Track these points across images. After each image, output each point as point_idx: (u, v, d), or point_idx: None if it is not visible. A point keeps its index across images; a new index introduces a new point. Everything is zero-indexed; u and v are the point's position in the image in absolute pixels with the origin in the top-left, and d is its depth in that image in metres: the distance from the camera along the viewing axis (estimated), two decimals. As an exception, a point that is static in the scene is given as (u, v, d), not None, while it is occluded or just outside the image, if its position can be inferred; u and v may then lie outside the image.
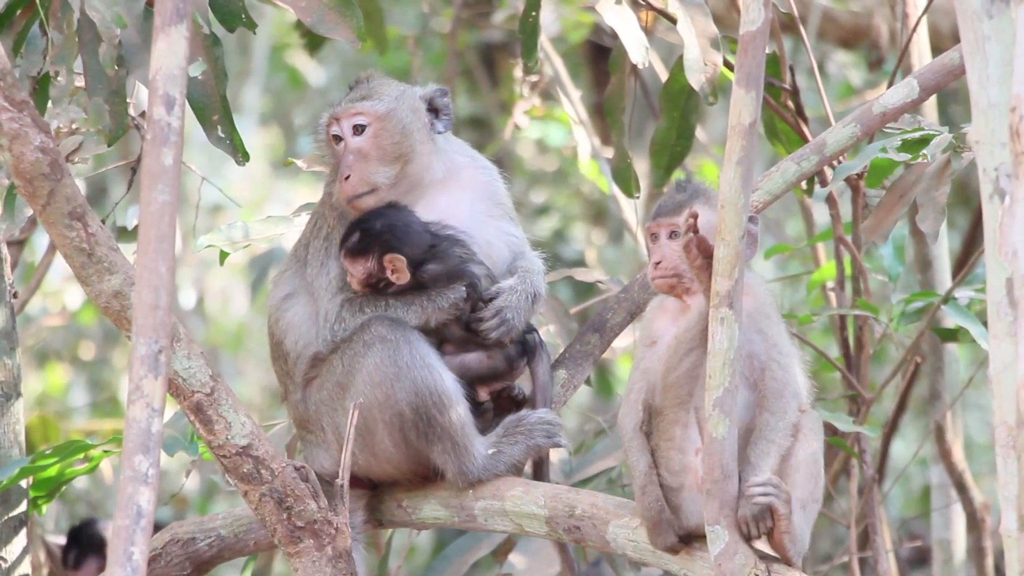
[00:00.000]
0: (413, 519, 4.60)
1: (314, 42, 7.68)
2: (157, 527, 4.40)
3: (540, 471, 4.64)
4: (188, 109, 4.02)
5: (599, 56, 9.39)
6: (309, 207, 5.04)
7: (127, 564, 3.29)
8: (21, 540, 4.86)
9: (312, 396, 4.58)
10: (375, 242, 4.54)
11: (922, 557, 9.00)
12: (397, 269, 4.54)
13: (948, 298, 5.37)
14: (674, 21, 4.97)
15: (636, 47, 4.94)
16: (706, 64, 4.91)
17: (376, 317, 4.50)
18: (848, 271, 5.63)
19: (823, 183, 5.39)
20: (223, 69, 4.60)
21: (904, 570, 7.02)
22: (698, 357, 4.06)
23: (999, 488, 3.41)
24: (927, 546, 7.42)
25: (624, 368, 9.37)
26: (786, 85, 5.38)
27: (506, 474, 4.49)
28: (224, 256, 5.07)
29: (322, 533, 4.31)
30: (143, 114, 5.06)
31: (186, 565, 4.68)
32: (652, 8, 5.18)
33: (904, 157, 4.71)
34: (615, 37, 5.04)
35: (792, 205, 9.51)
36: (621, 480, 5.49)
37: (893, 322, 5.51)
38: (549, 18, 8.35)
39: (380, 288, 4.56)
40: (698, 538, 4.10)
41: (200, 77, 4.57)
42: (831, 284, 5.93)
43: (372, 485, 4.62)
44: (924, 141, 4.69)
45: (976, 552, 6.49)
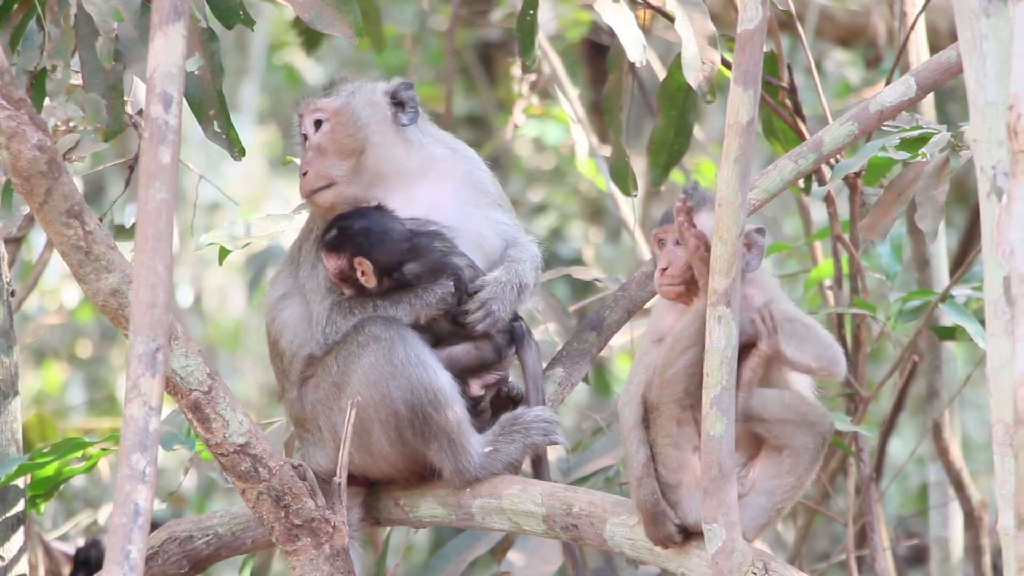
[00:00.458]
0: (410, 517, 4.59)
1: (311, 40, 7.68)
2: (155, 525, 4.42)
3: (539, 468, 4.63)
4: (185, 106, 4.02)
5: (597, 54, 9.39)
6: (307, 205, 5.04)
7: (124, 562, 3.29)
8: (19, 539, 4.85)
9: (308, 395, 4.58)
10: (348, 242, 4.52)
11: (920, 555, 9.01)
12: (365, 273, 4.53)
13: (946, 296, 5.37)
14: (672, 19, 4.97)
15: (634, 45, 4.93)
16: (704, 62, 4.90)
17: (369, 317, 4.49)
18: (846, 269, 5.63)
19: (821, 181, 5.39)
20: (220, 64, 4.60)
21: (901, 568, 7.02)
22: (695, 355, 4.06)
23: (996, 486, 3.41)
24: (925, 544, 7.43)
25: (622, 366, 9.36)
26: (784, 83, 5.37)
27: (503, 472, 4.49)
28: (224, 254, 5.07)
29: (320, 531, 4.30)
30: (140, 112, 5.05)
31: (183, 563, 4.67)
32: (650, 6, 5.18)
33: (902, 155, 4.71)
34: (613, 35, 5.04)
35: (790, 203, 9.53)
36: (619, 478, 5.49)
37: (891, 320, 5.50)
38: (547, 16, 8.36)
39: (355, 287, 4.56)
40: (695, 536, 4.11)
41: (197, 72, 4.57)
42: (829, 282, 5.93)
43: (369, 483, 4.62)
44: (922, 139, 4.69)
45: (974, 550, 6.49)
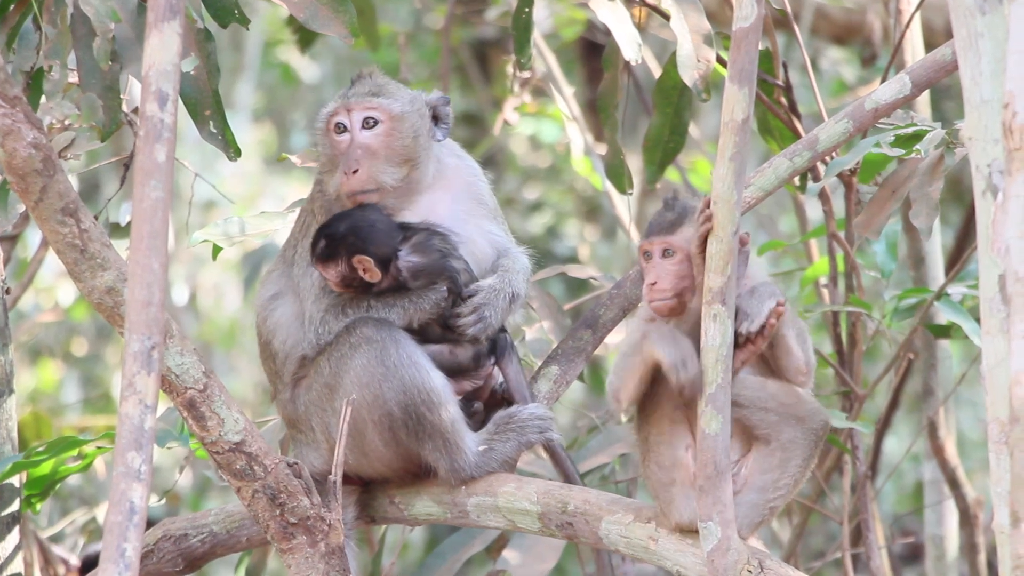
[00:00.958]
0: (405, 515, 4.59)
1: (306, 38, 7.67)
2: (150, 523, 4.41)
3: (556, 458, 4.61)
4: (180, 105, 4.02)
5: (592, 52, 9.39)
6: (302, 203, 5.03)
7: (120, 560, 3.29)
8: (14, 538, 4.85)
9: (301, 396, 4.57)
10: (340, 245, 4.51)
11: (915, 553, 9.00)
12: (367, 269, 4.52)
13: (941, 294, 5.37)
14: (667, 17, 4.97)
15: (629, 43, 4.93)
16: (699, 60, 4.90)
17: (361, 319, 4.48)
18: (841, 267, 5.63)
19: (816, 179, 5.39)
20: (215, 64, 4.59)
21: (897, 566, 7.02)
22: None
23: (992, 484, 3.41)
24: (920, 542, 7.42)
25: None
26: (779, 81, 5.38)
27: (499, 471, 4.49)
28: (217, 251, 5.06)
29: (315, 529, 4.30)
30: (136, 110, 5.05)
31: (178, 561, 4.67)
32: (645, 4, 5.18)
33: (897, 153, 4.71)
34: (608, 33, 5.04)
35: (785, 201, 9.53)
36: (614, 476, 5.49)
37: (886, 318, 5.51)
38: (542, 14, 8.35)
39: (361, 287, 4.55)
40: (691, 533, 4.10)
41: (192, 72, 4.57)
42: (824, 280, 5.93)
43: (363, 482, 4.62)
44: (917, 137, 4.70)
45: (969, 548, 6.49)
